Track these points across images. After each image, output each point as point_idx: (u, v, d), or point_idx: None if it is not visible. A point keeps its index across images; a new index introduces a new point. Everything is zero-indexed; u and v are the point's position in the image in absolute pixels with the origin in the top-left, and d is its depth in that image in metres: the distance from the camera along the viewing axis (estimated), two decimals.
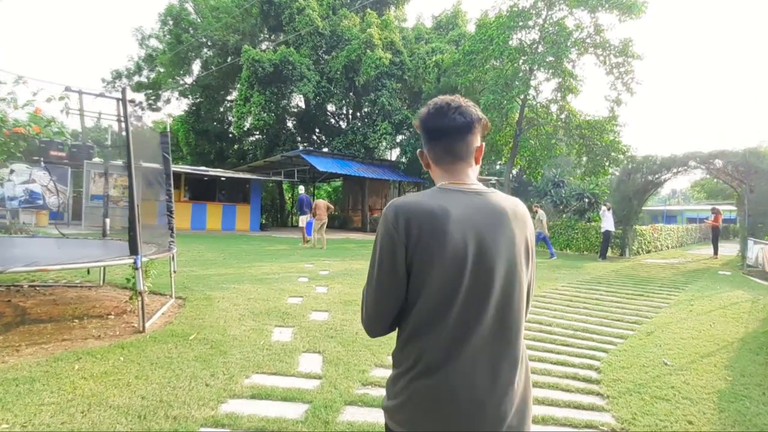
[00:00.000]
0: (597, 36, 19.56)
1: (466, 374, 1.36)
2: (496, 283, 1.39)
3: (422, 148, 1.62)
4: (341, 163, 23.98)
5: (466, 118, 1.50)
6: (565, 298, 8.68)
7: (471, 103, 1.55)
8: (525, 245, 1.49)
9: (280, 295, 7.66)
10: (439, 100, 1.55)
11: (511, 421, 1.40)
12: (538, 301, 8.19)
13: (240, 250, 13.93)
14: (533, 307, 7.78)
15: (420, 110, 1.60)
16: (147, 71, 29.64)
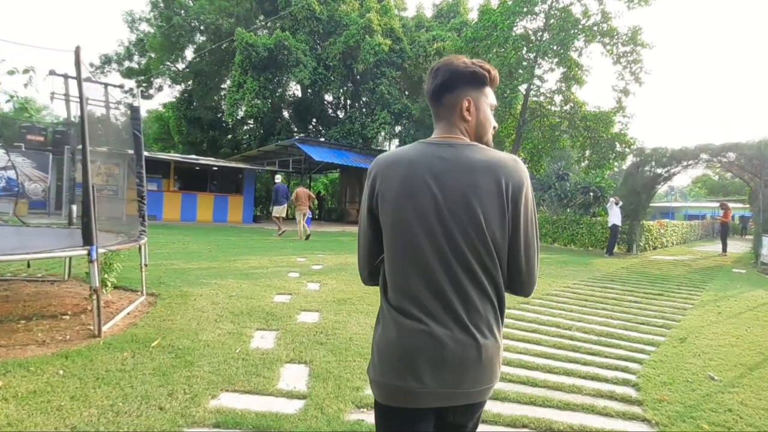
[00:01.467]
0: (604, 24, 18.75)
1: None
2: (441, 230, 1.38)
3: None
4: (338, 153, 23.14)
5: (437, 79, 1.53)
6: (579, 297, 7.93)
7: (457, 58, 1.54)
8: (498, 198, 1.39)
9: (266, 293, 6.87)
10: (433, 64, 1.59)
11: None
12: (551, 301, 7.43)
13: (229, 243, 13.13)
14: (547, 307, 7.04)
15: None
16: (138, 57, 28.62)
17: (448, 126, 1.52)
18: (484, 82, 1.53)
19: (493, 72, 1.55)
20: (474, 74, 1.51)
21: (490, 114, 1.56)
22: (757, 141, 14.53)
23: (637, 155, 17.22)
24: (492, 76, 1.55)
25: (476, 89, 1.52)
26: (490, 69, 1.54)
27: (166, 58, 26.73)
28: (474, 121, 1.52)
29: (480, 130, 1.54)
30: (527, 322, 6.11)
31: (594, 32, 18.35)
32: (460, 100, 1.50)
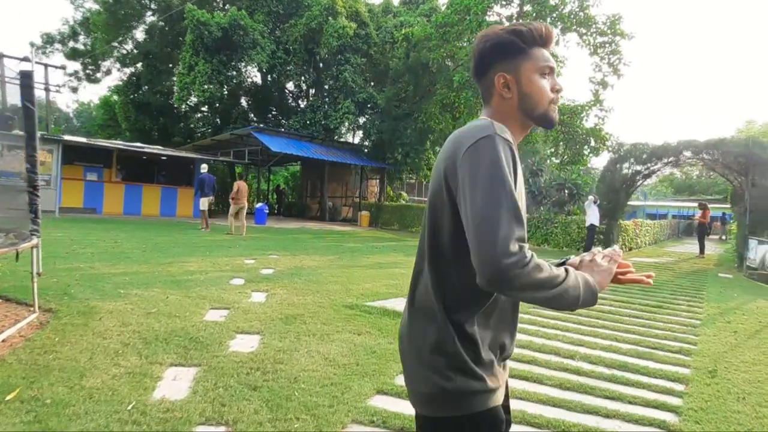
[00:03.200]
0: (581, 12, 17.89)
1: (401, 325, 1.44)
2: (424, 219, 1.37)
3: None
4: (298, 144, 21.65)
5: (471, 66, 1.42)
6: (572, 312, 6.82)
7: (489, 31, 1.38)
8: (441, 179, 1.28)
9: (196, 307, 5.53)
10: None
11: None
12: (541, 317, 6.31)
13: (170, 241, 11.63)
14: (538, 326, 5.93)
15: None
16: (84, 37, 26.36)
17: (485, 111, 1.38)
18: (519, 48, 1.32)
19: (534, 28, 1.32)
20: (497, 45, 1.33)
21: (540, 81, 1.32)
22: (743, 139, 13.83)
23: (615, 151, 16.38)
24: (532, 35, 1.31)
25: (512, 58, 1.32)
26: (526, 27, 1.32)
27: (112, 37, 24.50)
28: (516, 97, 1.33)
29: (527, 104, 1.32)
30: (519, 348, 4.95)
31: (571, 20, 17.46)
32: (493, 79, 1.33)
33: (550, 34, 1.35)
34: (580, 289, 1.15)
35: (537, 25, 1.34)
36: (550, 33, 1.35)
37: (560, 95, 1.38)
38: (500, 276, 1.08)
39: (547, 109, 1.34)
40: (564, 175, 18.64)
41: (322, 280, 7.73)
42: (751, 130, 40.58)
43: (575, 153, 19.23)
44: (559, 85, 1.35)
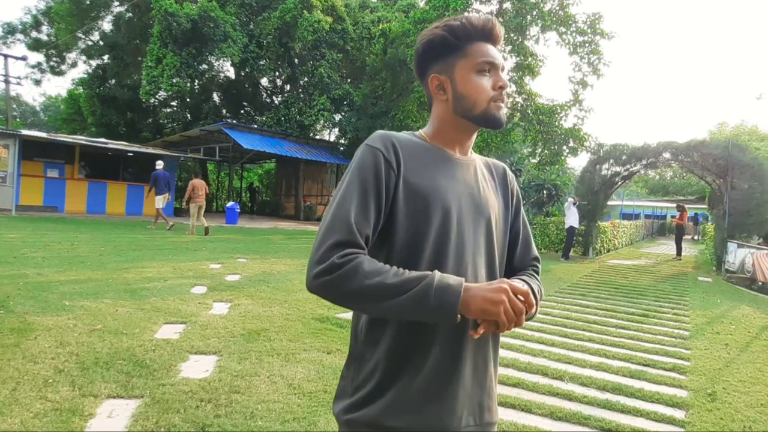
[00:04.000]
0: (561, 11, 17.60)
1: None
2: None
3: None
4: (271, 141, 20.99)
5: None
6: (556, 323, 6.48)
7: (424, 32, 1.28)
8: None
9: (148, 322, 4.99)
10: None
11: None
12: (526, 329, 5.90)
13: (132, 242, 10.97)
14: (522, 340, 5.54)
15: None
16: (47, 27, 25.19)
17: (430, 116, 1.32)
18: (451, 45, 1.22)
19: (469, 21, 1.22)
20: (428, 44, 1.25)
21: (477, 79, 1.21)
22: (723, 141, 13.70)
23: (594, 152, 16.15)
24: (465, 29, 1.21)
25: (445, 57, 1.24)
26: (460, 21, 1.22)
27: (76, 28, 23.40)
28: (451, 98, 1.24)
29: (463, 105, 1.23)
30: (504, 367, 4.55)
31: (551, 18, 17.16)
32: (428, 82, 1.27)
33: (489, 27, 1.23)
34: (427, 306, 1.02)
35: (474, 17, 1.24)
36: (489, 25, 1.24)
37: (506, 92, 1.25)
38: (309, 283, 1.07)
39: (487, 109, 1.23)
40: (543, 176, 18.35)
41: (291, 288, 7.22)
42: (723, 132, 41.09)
43: (553, 153, 18.96)
44: (503, 82, 1.23)
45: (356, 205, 1.10)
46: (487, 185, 1.31)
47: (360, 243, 1.08)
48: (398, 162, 1.16)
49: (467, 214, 1.21)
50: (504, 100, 1.25)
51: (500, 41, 1.28)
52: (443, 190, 1.19)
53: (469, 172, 1.27)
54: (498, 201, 1.32)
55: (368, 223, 1.11)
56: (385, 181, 1.14)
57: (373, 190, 1.12)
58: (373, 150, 1.16)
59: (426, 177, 1.19)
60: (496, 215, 1.29)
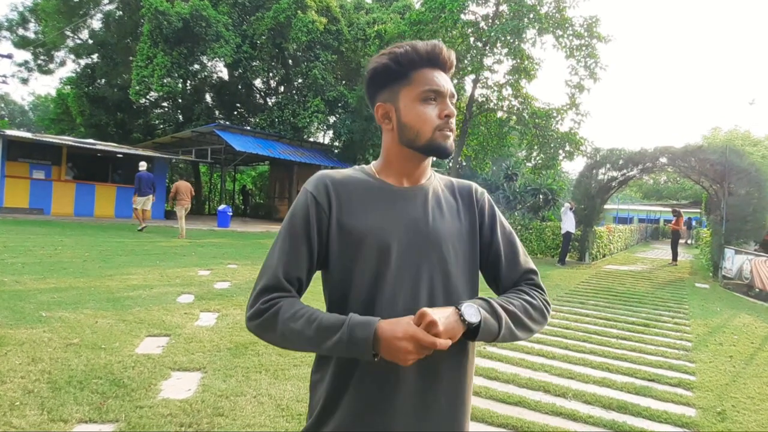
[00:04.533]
0: (557, 14, 17.48)
1: None
2: None
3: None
4: (264, 143, 20.69)
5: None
6: (556, 333, 6.25)
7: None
8: None
9: (129, 335, 4.72)
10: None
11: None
12: (527, 342, 5.68)
13: (119, 247, 10.66)
14: (522, 353, 5.33)
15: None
16: (35, 24, 24.75)
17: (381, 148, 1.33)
18: (394, 72, 1.20)
19: (413, 47, 1.19)
20: (373, 72, 1.24)
21: (420, 107, 1.20)
22: (720, 147, 13.56)
23: (591, 157, 15.99)
24: (409, 56, 1.19)
25: (390, 85, 1.23)
26: (404, 47, 1.19)
27: (62, 24, 22.86)
28: (396, 128, 1.23)
29: (407, 135, 1.21)
30: (504, 383, 4.33)
31: (548, 21, 17.03)
32: (375, 110, 1.27)
33: (436, 53, 1.20)
34: (351, 339, 1.05)
35: (421, 44, 1.21)
36: (436, 51, 1.20)
37: (451, 121, 1.21)
38: (246, 325, 1.17)
39: (432, 139, 1.20)
40: (540, 180, 18.19)
41: None
42: (717, 137, 41.18)
43: (549, 157, 18.85)
44: (450, 110, 1.20)
45: (285, 250, 1.18)
46: (442, 212, 1.26)
47: (285, 287, 1.15)
48: (330, 204, 1.18)
49: (409, 248, 1.19)
50: (451, 128, 1.22)
51: (449, 67, 1.25)
52: (379, 227, 1.18)
53: (415, 204, 1.23)
54: (459, 225, 1.28)
55: (297, 267, 1.17)
56: (316, 224, 1.18)
57: (302, 235, 1.17)
58: (306, 194, 1.20)
59: (361, 216, 1.19)
60: (453, 242, 1.24)
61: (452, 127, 1.22)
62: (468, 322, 1.08)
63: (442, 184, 1.33)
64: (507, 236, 1.35)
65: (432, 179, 1.31)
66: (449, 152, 1.22)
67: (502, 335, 1.14)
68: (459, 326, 1.08)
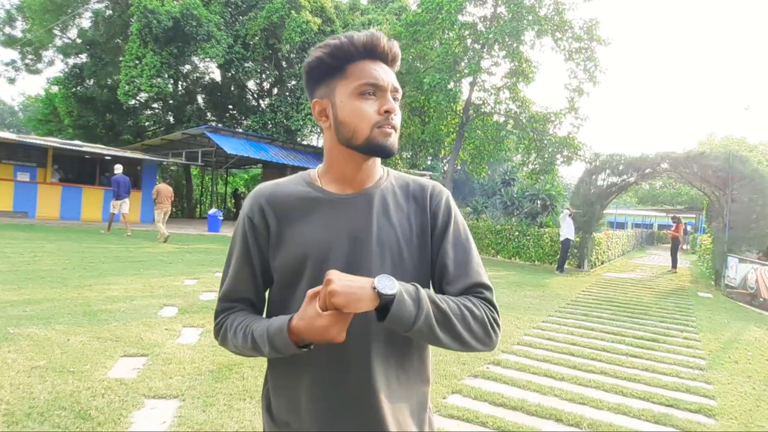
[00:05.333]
0: (556, 16, 17.22)
1: None
2: None
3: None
4: (256, 146, 20.27)
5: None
6: (562, 350, 5.88)
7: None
8: None
9: (103, 355, 4.31)
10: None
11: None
12: (530, 359, 5.34)
13: (103, 253, 10.21)
14: (529, 373, 4.95)
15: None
16: (22, 23, 24.17)
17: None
18: (329, 66, 1.12)
19: (349, 38, 1.11)
20: (308, 66, 1.16)
21: (357, 103, 1.11)
22: (723, 152, 13.29)
23: (590, 162, 15.70)
24: (343, 48, 1.10)
25: (327, 80, 1.15)
26: (339, 39, 1.11)
27: (47, 21, 22.22)
28: (333, 125, 1.15)
29: (344, 133, 1.13)
30: (510, 410, 3.97)
31: (547, 22, 16.77)
32: (312, 107, 1.21)
33: (374, 43, 1.10)
34: (273, 347, 1.06)
35: (357, 34, 1.11)
36: (373, 41, 1.10)
37: (392, 117, 1.11)
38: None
39: (370, 137, 1.10)
40: (538, 186, 17.90)
41: None
42: (713, 143, 41.11)
43: (546, 162, 18.57)
44: (389, 105, 1.10)
45: (230, 275, 1.21)
46: (389, 218, 1.18)
47: (229, 307, 1.21)
48: (266, 224, 1.17)
49: (351, 261, 1.12)
50: (393, 125, 1.12)
51: (392, 59, 1.15)
52: (319, 241, 1.14)
53: (358, 212, 1.16)
54: (409, 231, 1.19)
55: (244, 289, 1.20)
56: (256, 246, 1.18)
57: (243, 258, 1.19)
58: (243, 217, 1.19)
59: (301, 230, 1.15)
60: (400, 252, 1.16)
61: (394, 123, 1.12)
62: (381, 294, 0.96)
63: (396, 185, 1.24)
64: (461, 243, 1.21)
65: (382, 181, 1.22)
66: (391, 152, 1.12)
67: (417, 327, 0.99)
68: (368, 294, 0.95)
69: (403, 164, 26.19)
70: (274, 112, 22.22)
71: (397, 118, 1.14)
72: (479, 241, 17.23)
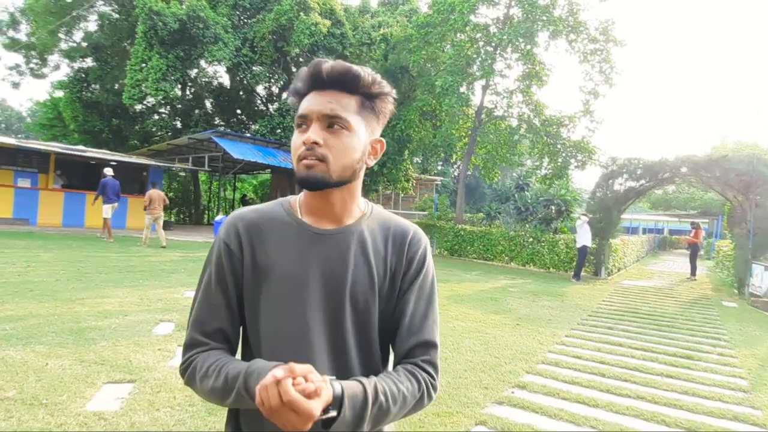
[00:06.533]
0: (570, 17, 16.73)
1: None
2: None
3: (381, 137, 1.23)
4: (264, 151, 19.86)
5: None
6: (591, 370, 5.39)
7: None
8: None
9: (84, 382, 3.85)
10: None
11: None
12: (556, 380, 4.85)
13: (101, 262, 9.78)
14: (557, 397, 4.43)
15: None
16: (26, 26, 23.90)
17: None
18: (295, 104, 1.17)
19: (298, 75, 1.14)
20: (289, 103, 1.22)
21: (294, 138, 1.15)
22: (746, 156, 12.74)
23: (607, 167, 15.17)
24: (295, 86, 1.15)
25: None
26: (294, 83, 1.15)
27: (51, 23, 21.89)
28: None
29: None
30: None
31: (562, 23, 16.30)
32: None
33: (312, 71, 1.10)
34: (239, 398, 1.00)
35: (303, 69, 1.13)
36: (313, 69, 1.09)
37: (315, 149, 1.07)
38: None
39: (297, 170, 1.10)
40: (552, 191, 17.37)
41: None
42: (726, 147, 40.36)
43: (560, 167, 18.06)
44: (307, 136, 1.07)
45: (202, 305, 1.14)
46: (367, 259, 1.15)
47: (202, 341, 1.12)
48: (241, 249, 1.14)
49: (322, 298, 1.11)
50: (315, 155, 1.07)
51: (336, 78, 1.08)
52: (293, 273, 1.11)
53: (334, 249, 1.14)
54: (384, 274, 1.17)
55: (217, 318, 1.13)
56: (231, 273, 1.14)
57: (218, 286, 1.14)
58: (219, 242, 1.16)
59: (276, 259, 1.12)
60: (372, 293, 1.15)
61: (318, 154, 1.06)
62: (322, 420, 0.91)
63: (378, 226, 1.22)
64: (425, 296, 1.21)
65: (363, 219, 1.20)
66: (310, 184, 1.08)
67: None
68: (306, 424, 0.89)
69: (414, 169, 25.75)
70: (282, 116, 21.82)
71: (329, 148, 1.07)
72: (492, 247, 16.74)
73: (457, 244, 17.86)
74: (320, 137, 1.07)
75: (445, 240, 18.36)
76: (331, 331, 1.12)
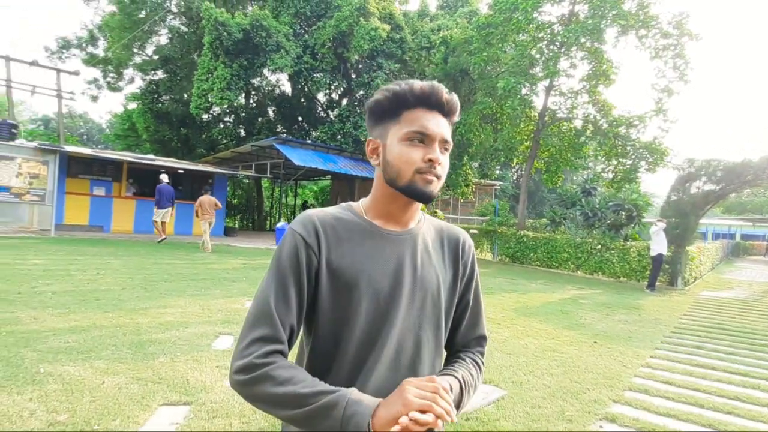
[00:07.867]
0: (641, 12, 15.80)
1: None
2: None
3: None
4: (325, 157, 19.91)
5: None
6: (687, 398, 4.79)
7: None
8: None
9: (139, 403, 3.70)
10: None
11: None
12: (648, 411, 4.30)
13: (167, 270, 9.90)
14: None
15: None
16: (103, 42, 25.13)
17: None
18: (385, 110, 1.20)
19: (409, 87, 1.17)
20: (369, 108, 1.25)
21: (404, 148, 1.16)
22: None
23: (682, 169, 14.18)
24: (399, 96, 1.18)
25: (384, 122, 1.22)
26: (401, 86, 1.18)
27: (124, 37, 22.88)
28: (382, 163, 1.22)
29: (389, 174, 1.19)
30: None
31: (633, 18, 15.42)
32: (366, 144, 1.28)
33: (428, 93, 1.16)
34: (336, 423, 0.98)
35: (418, 83, 1.18)
36: (430, 91, 1.16)
37: (435, 166, 1.15)
38: (230, 378, 1.08)
39: (411, 181, 1.15)
40: (623, 195, 16.44)
41: None
42: None
43: (629, 170, 17.11)
44: (434, 156, 1.15)
45: (276, 295, 1.11)
46: (431, 259, 1.25)
47: (282, 338, 1.09)
48: (319, 245, 1.15)
49: (399, 296, 1.17)
50: (435, 173, 1.16)
51: (449, 111, 1.20)
52: (370, 272, 1.15)
53: (404, 248, 1.21)
54: (445, 274, 1.27)
55: (290, 313, 1.11)
56: (306, 267, 1.13)
57: (292, 278, 1.13)
58: (293, 234, 1.15)
59: (351, 259, 1.15)
60: (439, 291, 1.24)
61: (437, 173, 1.16)
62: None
63: (432, 230, 1.31)
64: (478, 296, 1.38)
65: (421, 224, 1.28)
66: (428, 198, 1.17)
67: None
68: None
69: (473, 174, 25.18)
70: (342, 122, 21.86)
71: (442, 169, 1.17)
72: (557, 255, 16.05)
73: (519, 250, 17.23)
74: (440, 158, 1.16)
75: (506, 246, 17.76)
76: (420, 324, 1.20)
